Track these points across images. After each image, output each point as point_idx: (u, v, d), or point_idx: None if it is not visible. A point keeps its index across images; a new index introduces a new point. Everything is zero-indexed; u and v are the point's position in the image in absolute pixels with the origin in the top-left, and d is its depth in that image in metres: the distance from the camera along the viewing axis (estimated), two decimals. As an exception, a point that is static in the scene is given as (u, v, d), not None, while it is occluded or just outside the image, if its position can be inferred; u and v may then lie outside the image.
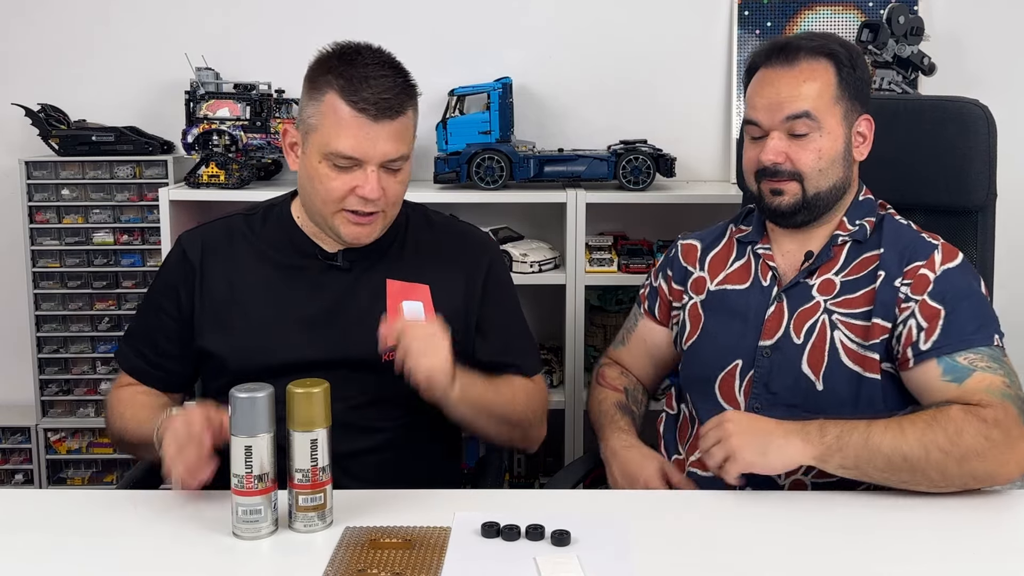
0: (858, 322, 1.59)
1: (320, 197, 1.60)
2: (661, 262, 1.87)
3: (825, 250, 1.66)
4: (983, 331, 1.54)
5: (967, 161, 1.76)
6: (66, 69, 2.81)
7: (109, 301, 2.74)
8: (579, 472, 1.81)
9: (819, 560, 1.29)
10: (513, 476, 2.79)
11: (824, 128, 1.60)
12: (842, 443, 1.44)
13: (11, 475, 2.85)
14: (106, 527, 1.37)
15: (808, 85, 1.60)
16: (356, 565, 1.25)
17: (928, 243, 1.62)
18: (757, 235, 1.74)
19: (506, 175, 2.55)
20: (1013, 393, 1.48)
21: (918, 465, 1.42)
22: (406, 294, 1.67)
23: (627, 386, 1.86)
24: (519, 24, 2.79)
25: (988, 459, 1.42)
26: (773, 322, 1.65)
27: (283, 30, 2.76)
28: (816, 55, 1.62)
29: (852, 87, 1.63)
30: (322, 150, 1.57)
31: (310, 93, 1.59)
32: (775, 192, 1.63)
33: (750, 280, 1.71)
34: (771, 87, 1.62)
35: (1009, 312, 1.59)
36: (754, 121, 1.64)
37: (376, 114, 1.55)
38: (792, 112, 1.60)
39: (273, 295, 1.66)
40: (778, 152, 1.61)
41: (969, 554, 1.31)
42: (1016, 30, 2.80)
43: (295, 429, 1.32)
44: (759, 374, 1.64)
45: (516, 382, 1.72)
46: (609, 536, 1.33)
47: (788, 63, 1.62)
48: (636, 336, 1.89)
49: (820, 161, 1.61)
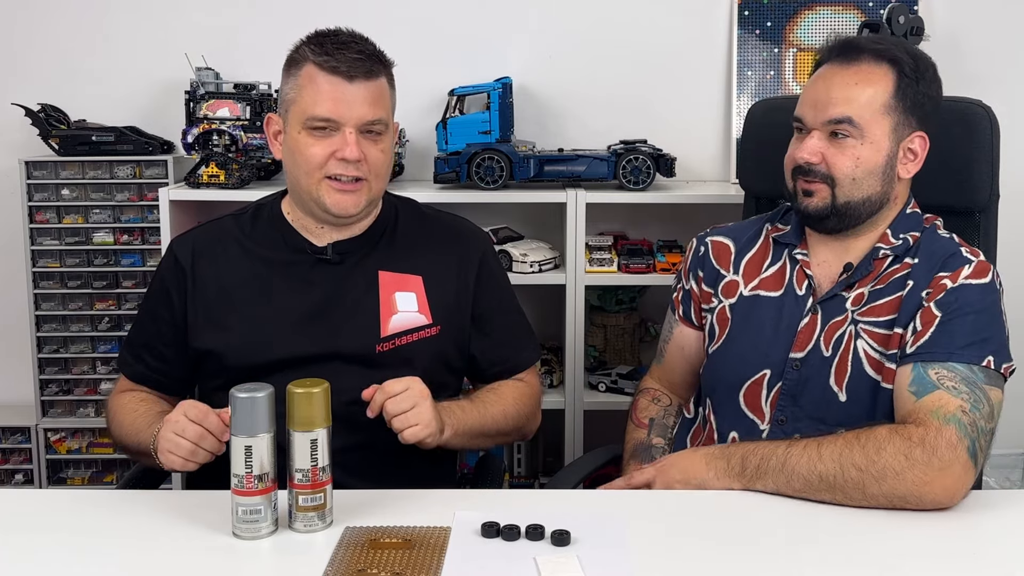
0: (881, 330, 1.55)
1: (302, 169, 1.62)
2: (690, 261, 1.79)
3: (865, 263, 1.60)
4: (973, 349, 1.47)
5: (970, 161, 1.75)
6: (66, 69, 2.81)
7: (109, 301, 2.74)
8: (579, 472, 1.81)
9: (819, 560, 1.29)
10: (513, 476, 2.79)
11: (867, 137, 1.54)
12: (761, 471, 1.46)
13: (11, 475, 2.85)
14: (106, 527, 1.36)
15: (859, 89, 1.54)
16: (356, 565, 1.25)
17: (963, 257, 1.56)
18: (795, 238, 1.67)
19: (506, 175, 2.55)
20: (967, 420, 1.40)
21: (835, 483, 1.40)
22: (398, 285, 1.69)
23: (654, 416, 1.80)
24: (519, 24, 2.79)
25: (907, 479, 1.37)
26: (805, 334, 1.60)
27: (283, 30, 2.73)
28: (878, 58, 1.55)
29: (910, 100, 1.56)
30: (301, 118, 1.60)
31: (287, 72, 1.64)
32: (806, 192, 1.59)
33: (784, 287, 1.65)
34: (823, 83, 1.56)
35: (1009, 311, 1.57)
36: (799, 117, 1.60)
37: (350, 73, 1.58)
38: (835, 116, 1.54)
39: (265, 292, 1.68)
40: (814, 151, 1.56)
41: (968, 554, 1.31)
42: (1016, 30, 2.80)
43: (295, 429, 1.32)
44: (787, 386, 1.60)
45: (505, 391, 1.73)
46: (609, 536, 1.33)
47: (846, 62, 1.55)
48: (673, 346, 1.82)
49: (856, 169, 1.55)
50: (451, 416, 1.59)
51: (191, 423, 1.43)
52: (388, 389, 1.52)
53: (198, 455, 1.43)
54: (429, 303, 1.69)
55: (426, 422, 1.52)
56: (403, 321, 1.68)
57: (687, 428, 1.76)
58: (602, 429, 2.52)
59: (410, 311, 1.68)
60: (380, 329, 1.66)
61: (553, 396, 2.64)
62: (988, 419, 1.44)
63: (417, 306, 1.68)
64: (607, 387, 2.66)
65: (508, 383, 1.75)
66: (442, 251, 1.74)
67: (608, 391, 2.65)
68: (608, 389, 2.65)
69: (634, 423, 1.81)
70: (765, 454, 1.47)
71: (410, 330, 1.68)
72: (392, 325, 1.67)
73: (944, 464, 1.37)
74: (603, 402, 2.61)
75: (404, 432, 1.51)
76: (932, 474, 1.37)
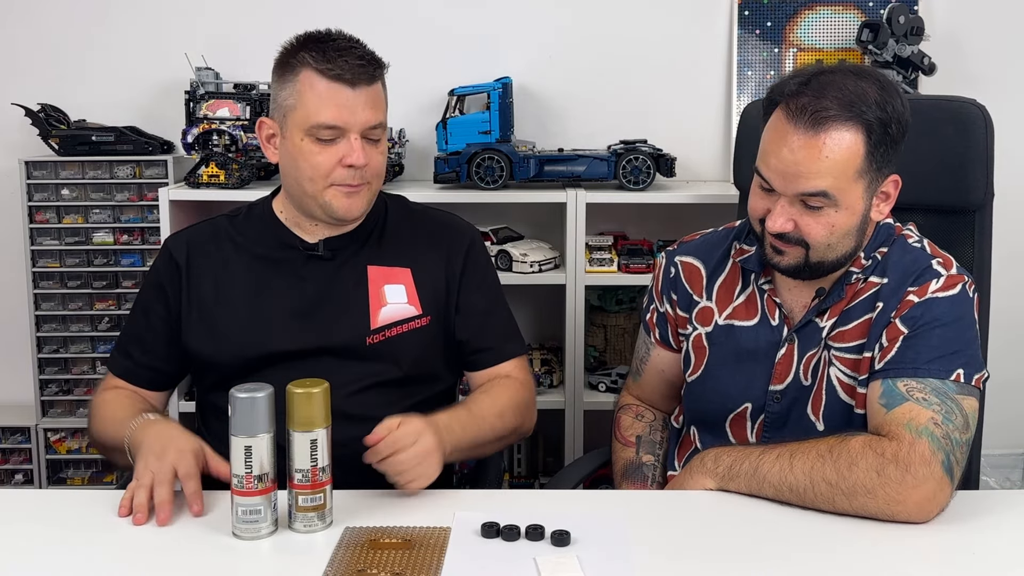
0: (851, 355, 1.52)
1: (307, 175, 1.61)
2: (662, 282, 1.74)
3: (838, 289, 1.54)
4: (941, 362, 1.43)
5: (965, 161, 1.75)
6: (66, 69, 2.81)
7: (109, 301, 2.74)
8: (579, 472, 1.81)
9: (820, 560, 1.29)
10: (513, 476, 2.80)
11: (842, 204, 1.45)
12: (733, 472, 1.46)
13: (11, 475, 2.85)
14: (106, 527, 1.36)
15: (830, 160, 1.41)
16: (356, 565, 1.25)
17: (933, 271, 1.50)
18: (758, 265, 1.60)
19: (506, 175, 2.55)
20: (940, 433, 1.37)
21: (805, 496, 1.39)
22: (387, 278, 1.70)
23: (640, 433, 1.76)
24: (519, 24, 2.79)
25: (878, 496, 1.35)
26: (783, 366, 1.57)
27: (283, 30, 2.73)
28: (846, 123, 1.41)
29: (882, 156, 1.45)
30: (303, 126, 1.59)
31: (283, 77, 1.63)
32: (777, 251, 1.50)
33: (758, 316, 1.61)
34: (788, 151, 1.43)
35: (1006, 311, 1.57)
36: (766, 179, 1.47)
37: (353, 80, 1.58)
38: (807, 189, 1.43)
39: (258, 288, 1.69)
40: (786, 221, 1.46)
41: (967, 554, 1.31)
42: (1016, 30, 2.80)
43: (295, 429, 1.32)
44: (770, 419, 1.58)
45: (498, 391, 1.71)
46: (609, 536, 1.33)
47: (812, 129, 1.41)
48: (651, 367, 1.78)
49: (831, 236, 1.46)
50: (451, 435, 1.55)
51: (165, 483, 1.38)
52: (396, 442, 1.43)
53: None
54: (419, 294, 1.70)
55: (429, 477, 1.45)
56: (393, 313, 1.68)
57: (675, 438, 1.74)
58: (602, 429, 2.51)
59: (400, 303, 1.69)
60: (370, 321, 1.67)
61: (553, 396, 2.64)
62: (963, 430, 1.40)
63: (407, 297, 1.69)
64: (607, 387, 2.66)
65: (500, 382, 1.73)
66: (430, 243, 1.75)
67: (608, 391, 2.65)
68: (608, 389, 2.65)
69: (620, 442, 1.77)
70: (739, 456, 1.46)
71: (399, 321, 1.68)
72: (382, 317, 1.68)
73: (918, 481, 1.34)
74: (603, 402, 2.61)
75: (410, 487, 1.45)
76: (905, 492, 1.34)
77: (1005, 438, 2.79)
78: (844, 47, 2.81)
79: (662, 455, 1.75)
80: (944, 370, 1.43)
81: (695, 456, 1.55)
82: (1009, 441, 2.89)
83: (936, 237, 1.72)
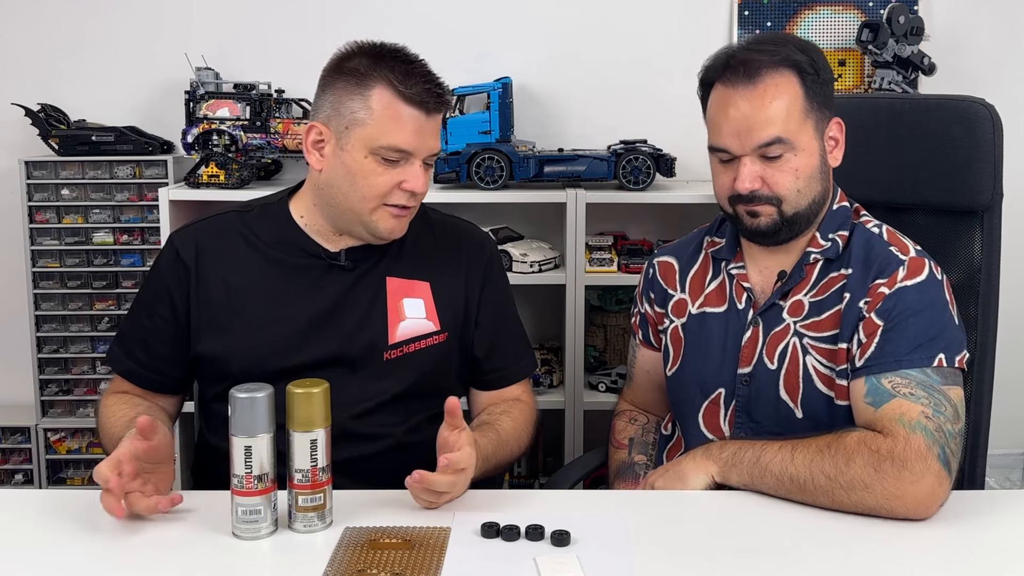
0: (826, 346, 1.53)
1: (360, 193, 1.57)
2: (642, 284, 1.78)
3: (797, 269, 1.58)
4: (920, 352, 1.45)
5: (972, 161, 1.73)
6: (66, 69, 2.81)
7: (109, 301, 2.74)
8: (579, 472, 1.81)
9: (820, 560, 1.29)
10: (513, 476, 2.80)
11: (798, 147, 1.51)
12: (736, 460, 1.47)
13: (11, 475, 2.85)
14: (106, 527, 1.36)
15: (775, 105, 1.49)
16: (356, 565, 1.25)
17: (895, 258, 1.52)
18: (730, 252, 1.65)
19: (506, 175, 2.55)
20: (933, 426, 1.38)
21: (806, 488, 1.40)
22: (406, 292, 1.67)
23: (632, 436, 1.79)
24: (519, 24, 2.79)
25: (876, 492, 1.36)
26: (749, 349, 1.59)
27: (283, 30, 2.76)
28: (778, 68, 1.50)
29: (819, 95, 1.53)
30: (371, 144, 1.55)
31: (352, 88, 1.55)
32: (752, 214, 1.55)
33: (727, 303, 1.64)
34: (735, 110, 1.50)
35: (1014, 312, 1.56)
36: (722, 148, 1.54)
37: (430, 108, 1.57)
38: (763, 139, 1.49)
39: (274, 296, 1.63)
40: (753, 178, 1.51)
41: (967, 553, 1.31)
42: (1016, 30, 2.80)
43: (295, 429, 1.32)
44: (740, 403, 1.60)
45: (517, 414, 1.70)
46: (609, 536, 1.33)
47: (750, 81, 1.49)
48: (639, 369, 1.82)
49: (798, 181, 1.52)
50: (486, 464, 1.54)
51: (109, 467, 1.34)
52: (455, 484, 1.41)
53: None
54: (437, 309, 1.67)
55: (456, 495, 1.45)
56: (411, 328, 1.65)
57: (664, 445, 1.76)
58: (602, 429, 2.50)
59: (418, 317, 1.66)
60: (388, 336, 1.63)
61: (553, 396, 2.64)
62: (954, 420, 1.41)
63: (425, 312, 1.65)
64: (607, 387, 2.66)
65: (516, 406, 1.72)
66: (450, 256, 1.72)
67: (608, 391, 2.65)
68: (608, 389, 2.66)
69: (614, 446, 1.79)
70: (742, 446, 1.49)
71: (418, 337, 1.65)
72: (400, 332, 1.64)
73: (916, 477, 1.35)
74: (603, 402, 2.61)
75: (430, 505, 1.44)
76: (903, 487, 1.35)
77: (1005, 438, 2.78)
78: (844, 47, 2.82)
79: (654, 456, 1.76)
80: (925, 357, 1.45)
81: (699, 446, 1.56)
82: (1009, 441, 2.89)
83: (943, 238, 1.72)
